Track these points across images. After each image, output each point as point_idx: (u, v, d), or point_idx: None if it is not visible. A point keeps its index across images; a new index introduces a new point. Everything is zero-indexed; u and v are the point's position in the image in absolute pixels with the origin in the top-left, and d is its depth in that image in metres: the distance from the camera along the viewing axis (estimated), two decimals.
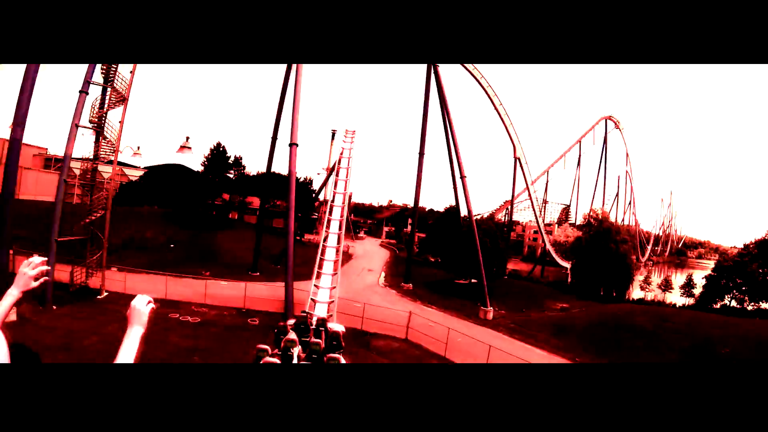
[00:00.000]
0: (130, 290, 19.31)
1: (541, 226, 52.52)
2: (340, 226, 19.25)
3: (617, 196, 75.72)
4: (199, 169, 44.25)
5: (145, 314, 1.75)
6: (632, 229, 74.25)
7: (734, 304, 33.85)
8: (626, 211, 79.59)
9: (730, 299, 34.25)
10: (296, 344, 7.77)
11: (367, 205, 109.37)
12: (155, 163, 54.39)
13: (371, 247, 57.36)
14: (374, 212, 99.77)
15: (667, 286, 44.11)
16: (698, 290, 38.28)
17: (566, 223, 74.81)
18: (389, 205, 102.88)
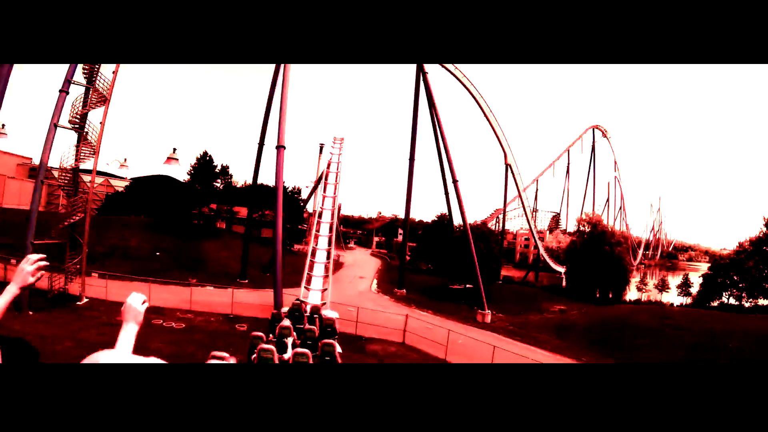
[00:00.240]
0: (112, 297, 18.35)
1: (534, 230, 52.55)
2: (330, 228, 18.94)
3: (608, 201, 76.79)
4: (185, 178, 43.31)
5: (140, 312, 1.76)
6: (625, 233, 75.12)
7: (732, 301, 34.19)
8: (616, 217, 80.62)
9: (728, 297, 34.63)
10: (291, 332, 7.25)
11: (356, 217, 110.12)
12: (142, 174, 53.49)
13: (362, 256, 57.08)
14: (364, 224, 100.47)
15: (663, 286, 44.41)
16: (695, 290, 38.67)
17: (557, 230, 75.53)
18: (378, 216, 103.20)
